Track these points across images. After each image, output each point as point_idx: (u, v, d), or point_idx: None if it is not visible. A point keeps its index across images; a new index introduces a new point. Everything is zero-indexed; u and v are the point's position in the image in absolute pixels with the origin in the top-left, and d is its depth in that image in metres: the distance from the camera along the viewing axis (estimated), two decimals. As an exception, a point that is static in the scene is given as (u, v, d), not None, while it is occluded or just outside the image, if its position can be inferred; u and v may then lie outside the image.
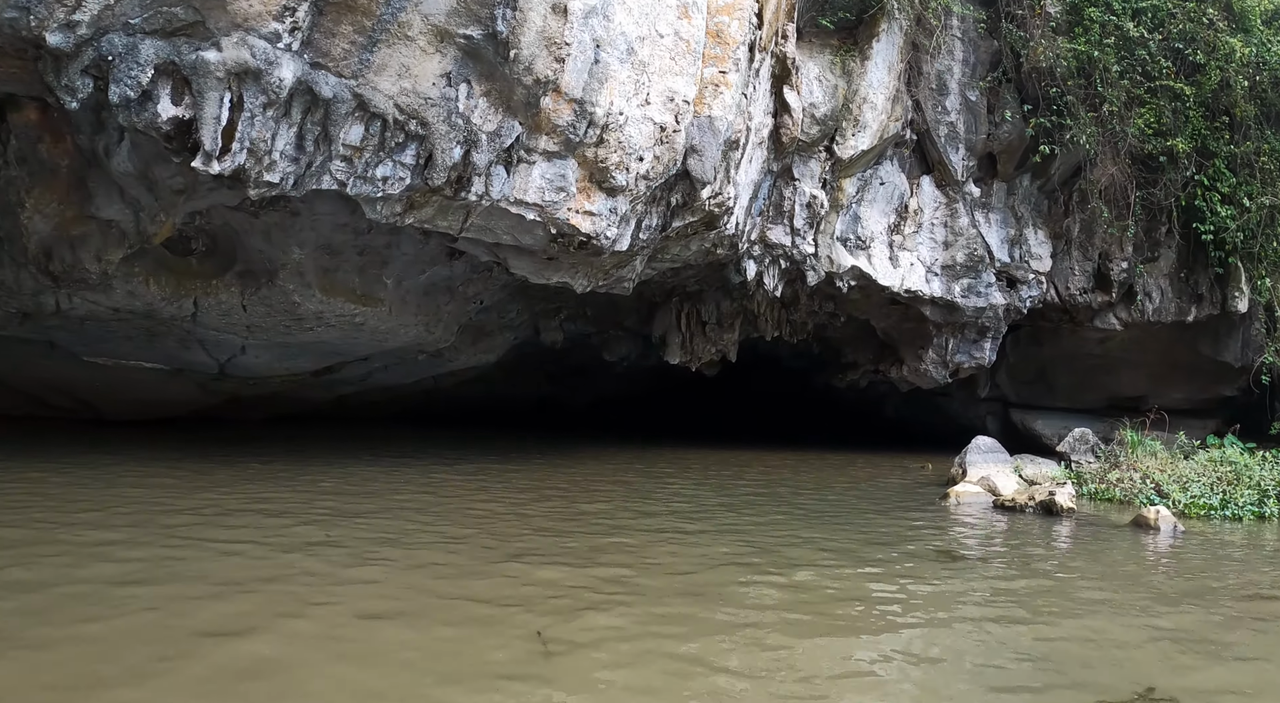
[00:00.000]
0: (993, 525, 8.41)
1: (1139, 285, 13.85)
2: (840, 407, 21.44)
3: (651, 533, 7.34)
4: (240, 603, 4.72)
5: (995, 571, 6.48)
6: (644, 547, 6.73)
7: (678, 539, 7.06)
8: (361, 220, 10.25)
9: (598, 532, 7.30)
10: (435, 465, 12.03)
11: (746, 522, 8.13)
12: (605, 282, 11.28)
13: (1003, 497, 9.24)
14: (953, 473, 10.77)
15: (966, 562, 6.76)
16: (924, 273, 13.63)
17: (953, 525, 8.39)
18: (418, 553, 6.22)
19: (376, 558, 5.98)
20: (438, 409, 25.58)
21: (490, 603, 4.94)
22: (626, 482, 11.51)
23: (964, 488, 9.35)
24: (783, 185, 12.85)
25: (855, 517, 8.63)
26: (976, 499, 9.45)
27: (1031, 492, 8.68)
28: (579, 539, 6.91)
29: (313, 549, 6.15)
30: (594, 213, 9.15)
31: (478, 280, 12.63)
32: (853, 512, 8.91)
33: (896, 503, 9.62)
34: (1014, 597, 5.61)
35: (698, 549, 6.70)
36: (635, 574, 5.79)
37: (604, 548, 6.63)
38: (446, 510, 8.25)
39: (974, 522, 8.59)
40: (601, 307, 17.25)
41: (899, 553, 6.89)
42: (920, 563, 6.55)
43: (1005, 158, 13.77)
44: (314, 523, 7.25)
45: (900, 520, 8.51)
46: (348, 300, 11.22)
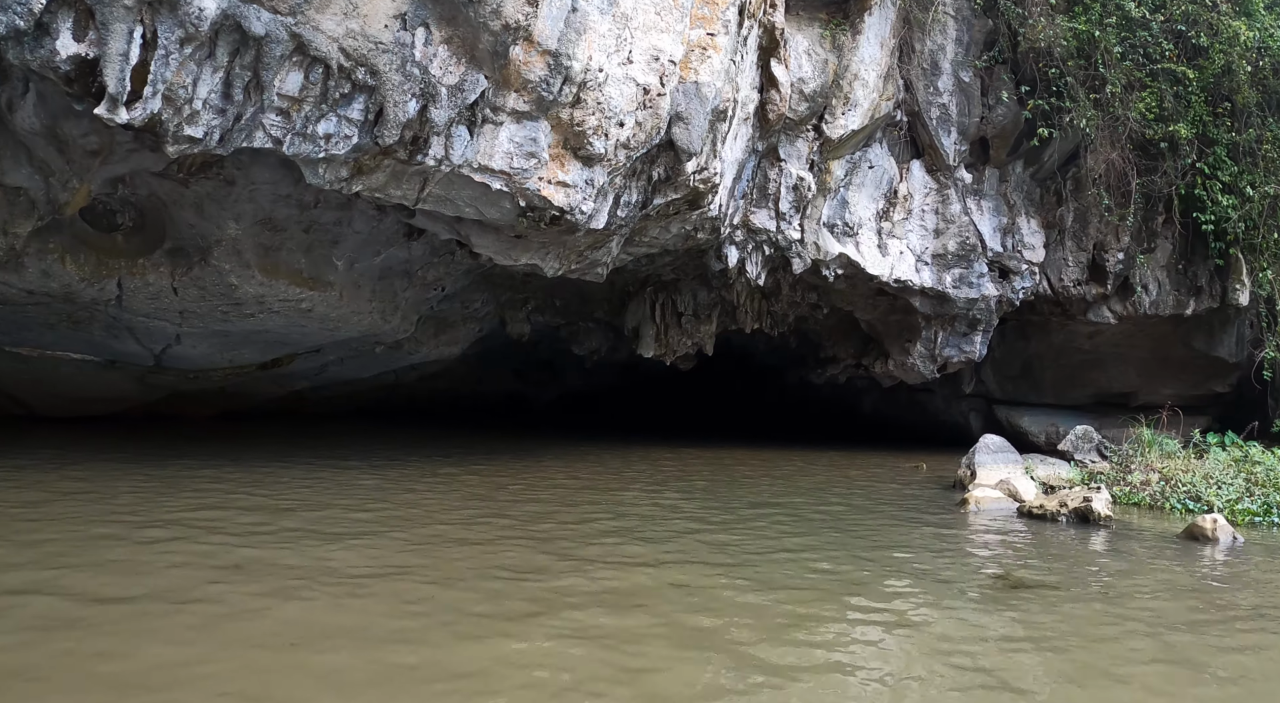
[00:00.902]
0: (1030, 539, 7.33)
1: (1135, 277, 13.02)
2: (815, 403, 20.49)
3: (624, 562, 5.91)
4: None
5: (1096, 608, 5.08)
6: (613, 591, 5.17)
7: (653, 566, 5.91)
8: (307, 192, 8.99)
9: (543, 564, 5.85)
10: (375, 470, 10.76)
11: (744, 544, 6.69)
12: (578, 265, 10.13)
13: (1029, 503, 8.23)
14: (960, 475, 9.79)
15: (1042, 594, 5.39)
16: (914, 262, 12.67)
17: (983, 539, 7.33)
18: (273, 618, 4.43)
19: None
20: (400, 405, 24.23)
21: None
22: (593, 488, 10.38)
23: (983, 493, 8.32)
24: (768, 166, 11.79)
25: (869, 531, 7.41)
26: (998, 506, 8.43)
27: (1063, 498, 7.68)
28: (515, 586, 5.14)
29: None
30: (568, 184, 8.00)
31: (439, 264, 11.40)
32: (863, 524, 7.77)
33: (908, 510, 8.61)
34: (1175, 651, 4.35)
35: (679, 586, 5.46)
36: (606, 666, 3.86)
37: (549, 600, 4.84)
38: (358, 532, 6.63)
39: (1006, 534, 7.54)
40: (571, 297, 16.08)
41: (952, 580, 5.64)
42: (990, 595, 5.31)
43: (998, 143, 12.85)
44: (196, 545, 5.98)
45: (922, 533, 7.40)
46: (292, 283, 9.94)
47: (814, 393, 19.59)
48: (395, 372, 19.90)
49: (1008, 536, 7.43)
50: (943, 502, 9.07)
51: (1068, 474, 9.61)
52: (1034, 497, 8.31)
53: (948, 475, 11.29)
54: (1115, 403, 15.03)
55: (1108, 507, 7.51)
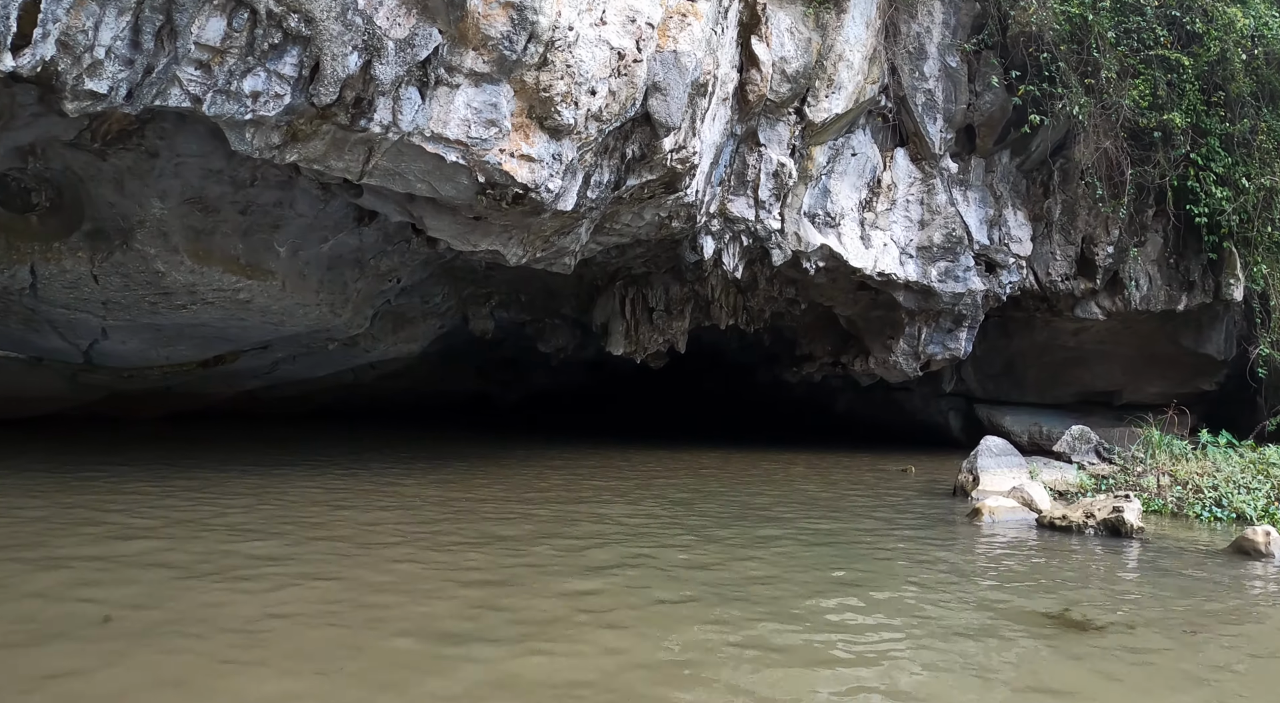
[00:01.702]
0: (1064, 559, 6.32)
1: (1125, 271, 12.36)
2: (788, 403, 19.70)
3: (590, 593, 4.92)
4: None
5: (1199, 656, 4.08)
6: (584, 615, 4.42)
7: (636, 595, 4.97)
8: (242, 167, 7.94)
9: (501, 583, 5.01)
10: (319, 476, 9.72)
11: (729, 565, 5.61)
12: (544, 253, 9.18)
13: (1049, 514, 7.29)
14: (961, 481, 8.98)
15: (1119, 637, 4.31)
16: (898, 254, 11.88)
17: (1010, 560, 6.25)
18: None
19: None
20: (360, 406, 23.05)
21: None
22: (560, 494, 9.46)
23: (996, 502, 7.46)
24: (746, 151, 10.93)
25: (873, 554, 6.27)
26: (1014, 516, 7.54)
27: (1089, 508, 6.84)
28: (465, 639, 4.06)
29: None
30: (534, 158, 7.05)
31: (393, 253, 10.38)
32: (861, 541, 6.72)
33: (909, 521, 7.64)
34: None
35: (652, 619, 4.41)
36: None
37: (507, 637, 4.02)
38: (258, 569, 5.31)
39: (1033, 552, 6.50)
40: (537, 292, 15.11)
41: (998, 623, 4.50)
42: (1055, 644, 4.19)
43: (985, 131, 12.12)
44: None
45: (937, 555, 6.31)
46: (228, 271, 8.86)
47: (787, 392, 18.80)
48: (353, 371, 18.76)
49: (1036, 554, 6.45)
50: (947, 512, 8.17)
51: (1074, 479, 8.86)
52: (1050, 506, 7.48)
53: (941, 480, 10.48)
54: (1099, 402, 14.41)
55: (1139, 517, 6.71)
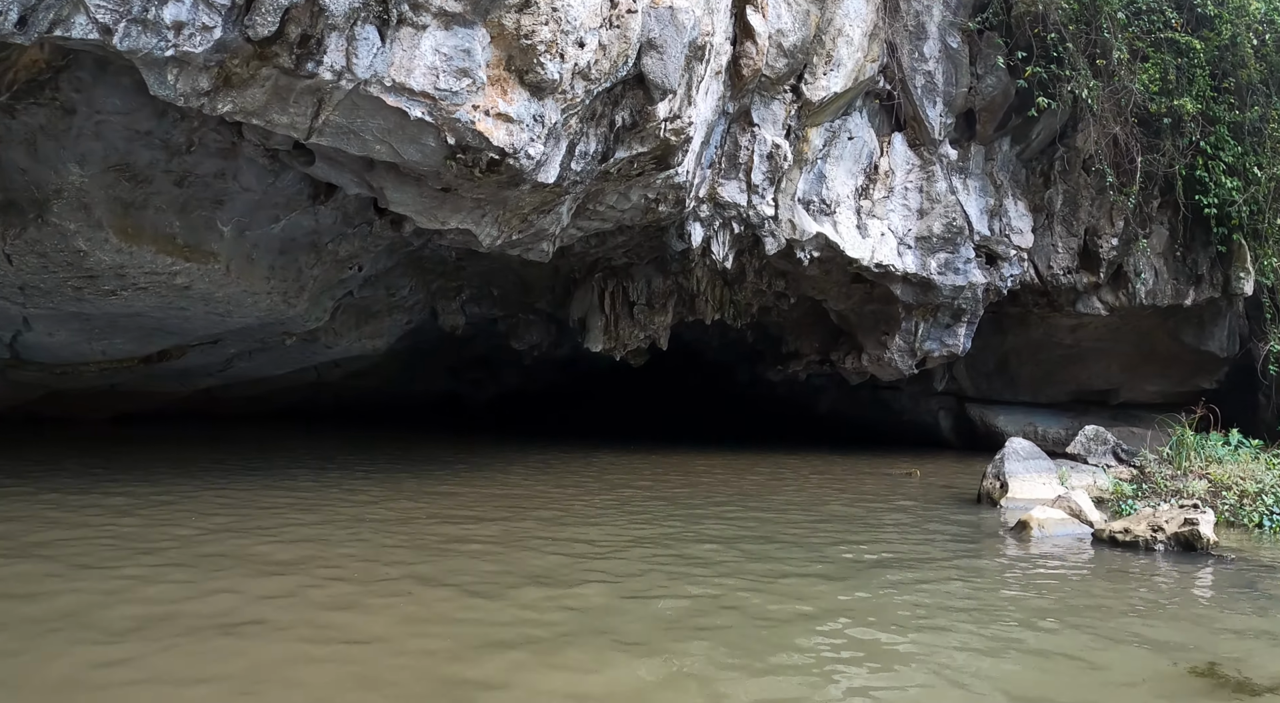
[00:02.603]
0: (1151, 585, 5.29)
1: (1129, 265, 11.60)
2: (769, 402, 18.78)
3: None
4: None
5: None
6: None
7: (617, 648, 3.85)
8: (175, 129, 6.80)
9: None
10: (257, 484, 8.59)
11: (736, 628, 4.13)
12: (520, 235, 8.12)
13: (1108, 528, 6.24)
14: (986, 488, 8.06)
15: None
16: (895, 245, 10.99)
17: (1092, 589, 5.11)
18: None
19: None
20: (325, 406, 21.76)
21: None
22: (536, 503, 8.42)
23: (1044, 514, 6.46)
24: (739, 132, 9.96)
25: (919, 584, 5.09)
26: (1064, 530, 6.45)
27: (1154, 520, 5.88)
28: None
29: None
30: (512, 118, 6.00)
31: (353, 237, 9.24)
32: (905, 566, 5.59)
33: (948, 541, 6.49)
34: None
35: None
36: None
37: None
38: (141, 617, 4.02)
39: (1112, 578, 5.41)
40: (510, 285, 14.02)
41: (1126, 678, 3.52)
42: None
43: (986, 116, 11.28)
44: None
45: (1005, 591, 5.08)
46: (162, 251, 7.68)
47: (768, 391, 17.88)
48: (316, 369, 17.52)
49: (1118, 582, 5.33)
50: (981, 525, 7.11)
51: (1106, 484, 8.01)
52: (1102, 517, 6.54)
53: (955, 485, 9.54)
54: (1095, 401, 13.67)
55: (1213, 529, 5.81)
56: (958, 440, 14.56)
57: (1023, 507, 7.22)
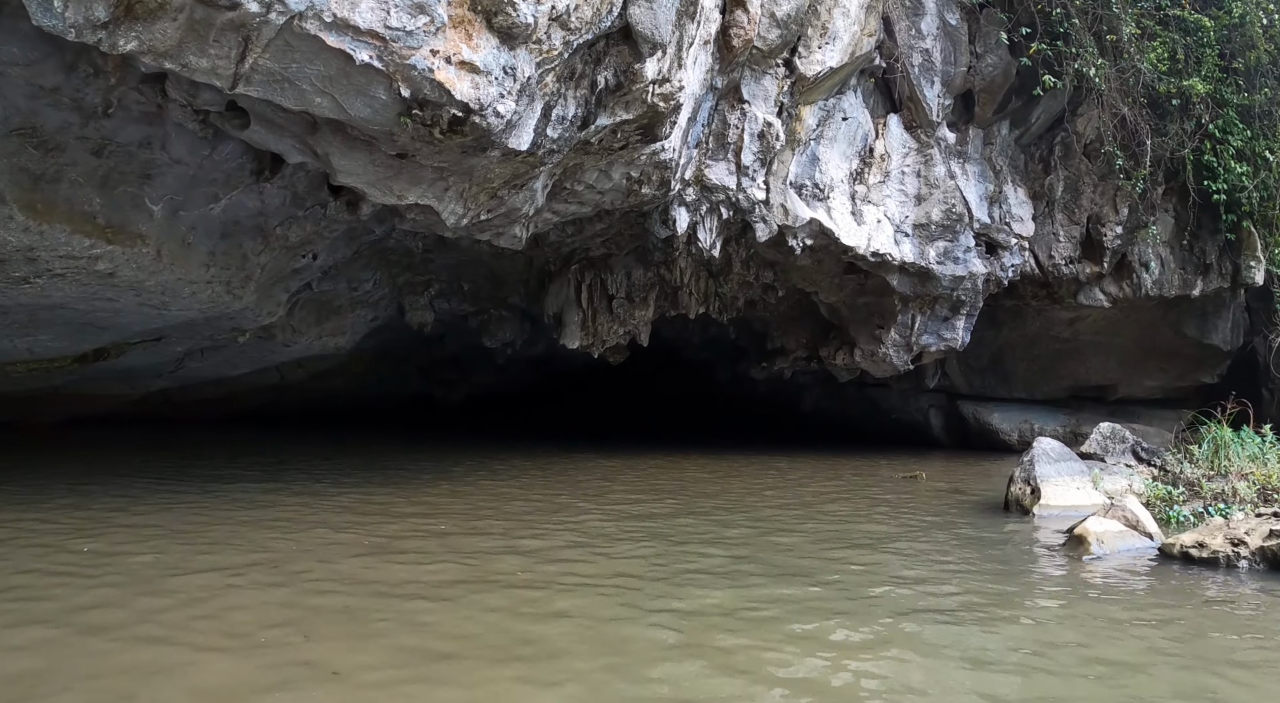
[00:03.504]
0: (1257, 619, 4.26)
1: (1134, 254, 10.86)
2: (750, 401, 17.89)
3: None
4: None
5: None
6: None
7: None
8: (88, 87, 5.74)
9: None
10: (178, 495, 7.53)
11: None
12: (490, 215, 7.12)
13: (1178, 541, 5.33)
14: (1016, 493, 7.16)
15: None
16: (892, 233, 10.14)
17: (1198, 629, 4.12)
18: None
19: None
20: (289, 409, 20.51)
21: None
22: (515, 521, 7.44)
23: (1100, 527, 5.50)
24: (727, 109, 9.05)
25: (980, 628, 4.08)
26: (1125, 545, 5.48)
27: (1232, 533, 5.00)
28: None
29: None
30: (478, 68, 5.01)
31: (305, 220, 8.18)
32: (946, 603, 4.49)
33: (986, 563, 5.44)
34: None
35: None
36: None
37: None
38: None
39: (1213, 608, 4.45)
40: (481, 279, 13.00)
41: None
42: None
43: (986, 98, 10.48)
44: None
45: (1081, 624, 4.16)
46: (79, 231, 6.59)
47: (749, 390, 16.99)
48: (278, 369, 16.35)
49: (1222, 613, 4.37)
50: (1020, 538, 6.08)
51: (1142, 487, 7.19)
52: (1162, 530, 5.63)
53: (966, 489, 8.65)
54: (1092, 397, 12.94)
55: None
56: (948, 439, 13.78)
57: (1059, 515, 6.38)
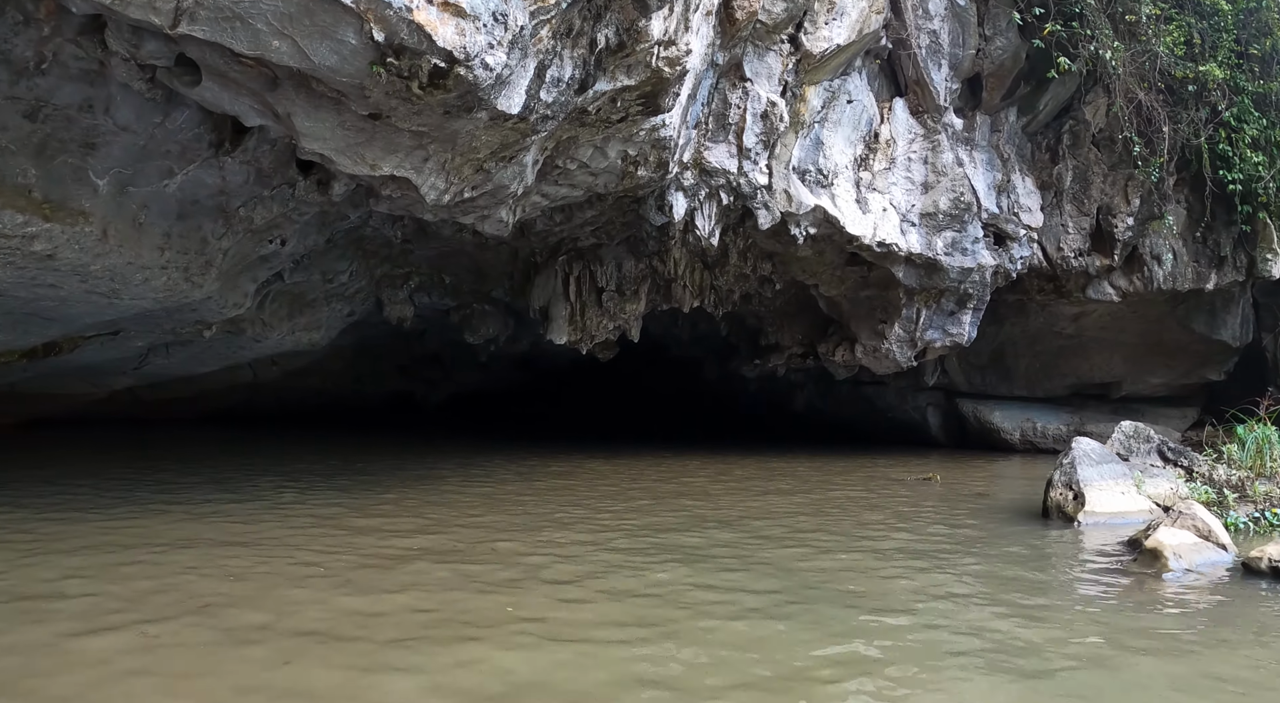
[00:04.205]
0: None
1: (1145, 247, 10.30)
2: (741, 400, 17.22)
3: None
4: None
5: None
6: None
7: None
8: (16, 37, 4.93)
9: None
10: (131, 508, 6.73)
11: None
12: (476, 192, 6.37)
13: (1267, 556, 4.56)
14: (1056, 499, 6.47)
15: None
16: (898, 222, 9.50)
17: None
18: None
19: None
20: (265, 409, 19.57)
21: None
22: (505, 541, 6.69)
23: (1173, 538, 4.74)
24: (728, 87, 8.35)
25: (1078, 661, 3.41)
26: (1202, 558, 4.74)
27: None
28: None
29: None
30: (465, 12, 4.27)
31: (270, 200, 7.37)
32: (1024, 644, 3.64)
33: (1050, 587, 4.61)
34: None
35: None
36: None
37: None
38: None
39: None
40: (463, 272, 12.22)
41: None
42: None
43: (994, 82, 9.87)
44: None
45: (1203, 655, 3.52)
46: (10, 206, 5.75)
47: (740, 387, 16.33)
48: (251, 367, 15.46)
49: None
50: (1073, 550, 5.36)
51: (1185, 491, 6.58)
52: (1232, 539, 4.94)
53: (991, 493, 7.97)
54: (1095, 395, 12.39)
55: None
56: (946, 439, 13.19)
57: (1105, 523, 5.74)
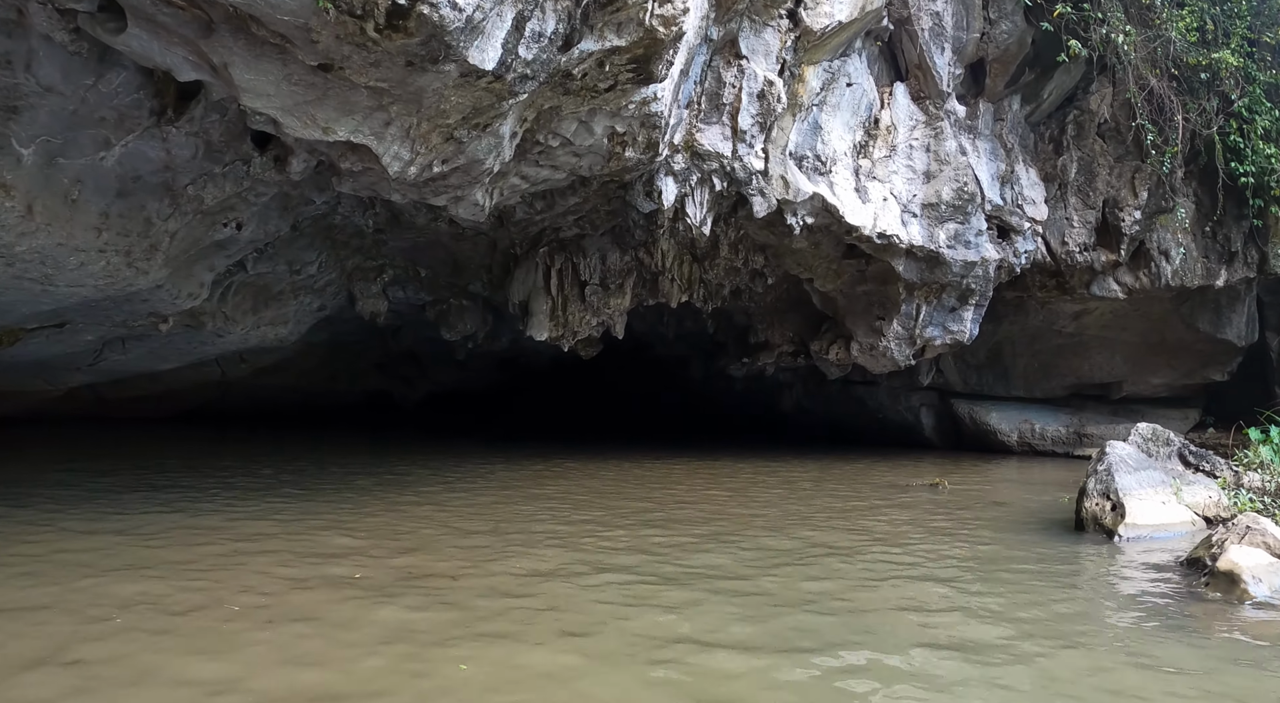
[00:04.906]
0: None
1: (1152, 241, 9.76)
2: (722, 400, 16.59)
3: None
4: None
5: None
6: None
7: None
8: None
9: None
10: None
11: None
12: (446, 167, 5.65)
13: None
14: (1092, 510, 5.79)
15: None
16: (899, 212, 8.89)
17: None
18: None
19: None
20: (236, 408, 18.67)
21: None
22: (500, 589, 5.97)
23: (1246, 557, 3.95)
24: (722, 65, 7.69)
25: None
26: (1278, 579, 4.33)
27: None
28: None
29: None
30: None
31: (223, 178, 6.60)
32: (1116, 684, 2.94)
33: (1125, 619, 3.89)
34: None
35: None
36: None
37: None
38: None
39: None
40: (439, 264, 11.47)
41: None
42: None
43: (998, 68, 9.28)
44: None
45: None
46: (-90, 173, 4.99)
47: (725, 387, 15.68)
48: (218, 363, 14.61)
49: None
50: (1123, 570, 4.64)
51: (1227, 501, 6.01)
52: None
53: (1006, 501, 7.29)
54: (1094, 395, 11.85)
55: None
56: (940, 440, 12.62)
57: (1148, 537, 5.14)
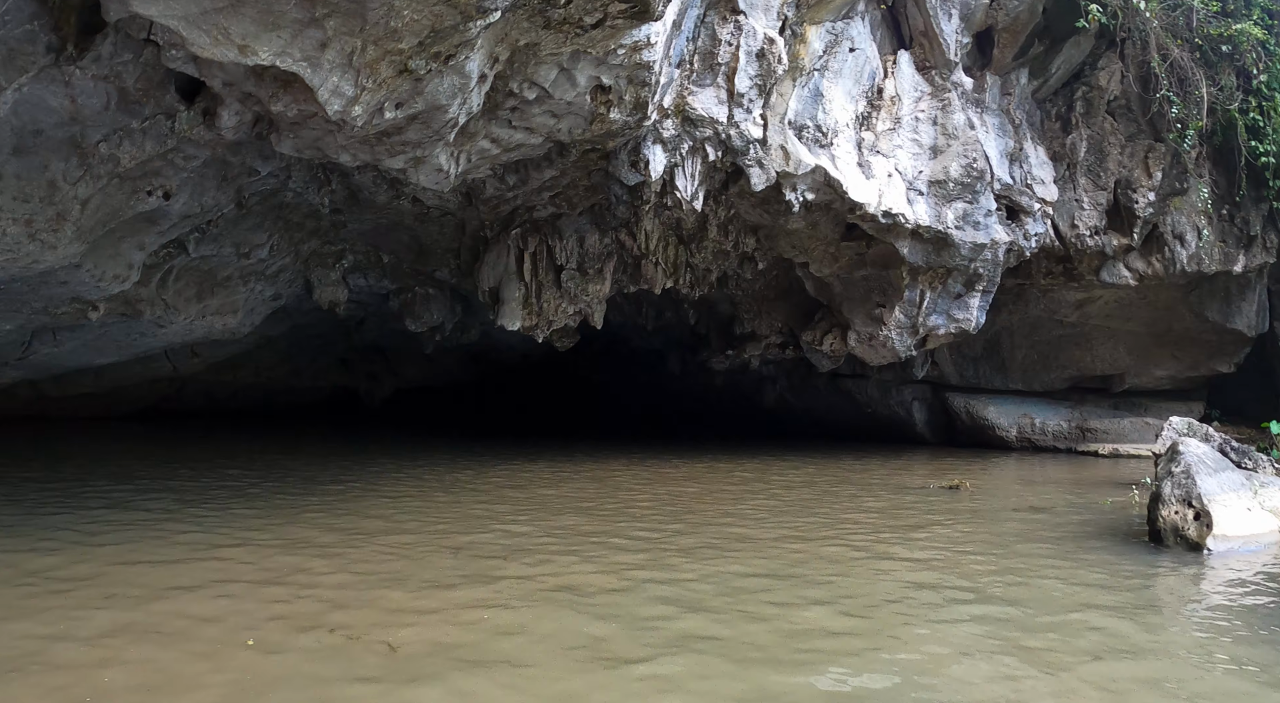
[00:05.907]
0: None
1: (1166, 225, 9.05)
2: (701, 395, 15.71)
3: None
4: None
5: None
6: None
7: None
8: None
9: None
10: None
11: None
12: (400, 110, 4.65)
13: None
14: (1171, 519, 4.85)
15: None
16: (904, 189, 8.06)
17: None
18: None
19: None
20: (193, 406, 17.40)
21: None
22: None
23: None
24: (718, 22, 6.78)
25: None
26: None
27: None
28: None
29: None
30: None
31: (142, 136, 5.53)
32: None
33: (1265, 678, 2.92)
34: None
35: None
36: None
37: None
38: None
39: None
40: (403, 249, 10.43)
41: None
42: None
43: (1006, 38, 8.49)
44: None
45: None
46: None
47: (705, 381, 14.80)
48: (168, 357, 13.41)
49: None
50: (1242, 597, 3.83)
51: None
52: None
53: (1040, 505, 6.41)
54: (1094, 388, 11.16)
55: None
56: (933, 436, 11.87)
57: (1242, 551, 4.34)
